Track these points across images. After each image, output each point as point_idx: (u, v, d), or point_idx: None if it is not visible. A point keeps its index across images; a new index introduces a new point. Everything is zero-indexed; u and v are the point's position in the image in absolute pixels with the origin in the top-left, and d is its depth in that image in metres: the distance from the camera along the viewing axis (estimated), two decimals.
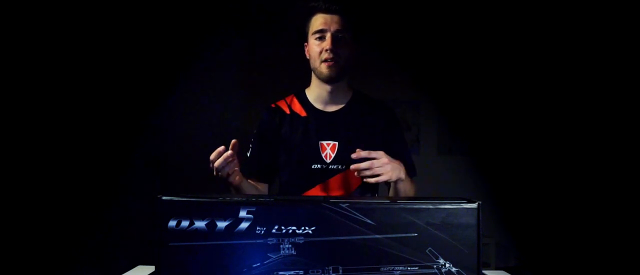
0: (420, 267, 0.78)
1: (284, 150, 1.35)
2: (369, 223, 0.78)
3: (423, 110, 3.69)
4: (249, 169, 1.36)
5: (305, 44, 1.35)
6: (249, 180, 1.35)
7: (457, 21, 3.52)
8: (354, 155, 1.11)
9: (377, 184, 1.38)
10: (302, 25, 1.34)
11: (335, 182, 1.30)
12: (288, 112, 1.37)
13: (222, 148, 1.07)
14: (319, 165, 1.31)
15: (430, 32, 3.56)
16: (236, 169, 1.13)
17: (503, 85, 3.52)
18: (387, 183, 1.27)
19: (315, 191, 1.30)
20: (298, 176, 1.33)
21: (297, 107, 1.37)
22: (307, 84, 1.40)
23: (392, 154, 1.37)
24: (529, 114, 3.48)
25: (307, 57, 1.36)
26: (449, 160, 3.65)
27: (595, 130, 3.17)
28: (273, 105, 1.40)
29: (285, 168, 1.36)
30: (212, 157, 1.08)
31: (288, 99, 1.41)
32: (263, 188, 1.38)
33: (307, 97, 1.39)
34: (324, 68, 1.28)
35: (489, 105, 3.53)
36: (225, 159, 1.06)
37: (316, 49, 1.29)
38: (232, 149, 1.08)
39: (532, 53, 3.44)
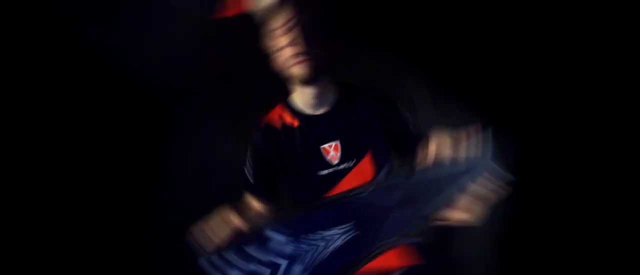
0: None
1: (285, 167, 1.26)
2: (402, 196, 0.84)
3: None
4: (256, 194, 1.30)
5: None
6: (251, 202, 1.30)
7: (457, 20, 3.52)
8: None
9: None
10: None
11: (349, 179, 1.23)
12: (279, 126, 1.28)
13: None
14: (326, 171, 1.23)
15: (430, 32, 3.56)
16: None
17: (503, 86, 3.52)
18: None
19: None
20: (307, 188, 1.24)
21: (288, 118, 1.28)
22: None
23: (395, 129, 1.28)
24: (529, 114, 3.49)
25: None
26: None
27: (595, 130, 3.19)
28: (262, 125, 1.30)
29: (291, 183, 1.28)
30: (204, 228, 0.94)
31: (277, 111, 1.30)
32: (264, 210, 1.30)
33: (293, 105, 1.28)
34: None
35: (489, 106, 3.54)
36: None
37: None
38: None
39: (533, 53, 3.45)
